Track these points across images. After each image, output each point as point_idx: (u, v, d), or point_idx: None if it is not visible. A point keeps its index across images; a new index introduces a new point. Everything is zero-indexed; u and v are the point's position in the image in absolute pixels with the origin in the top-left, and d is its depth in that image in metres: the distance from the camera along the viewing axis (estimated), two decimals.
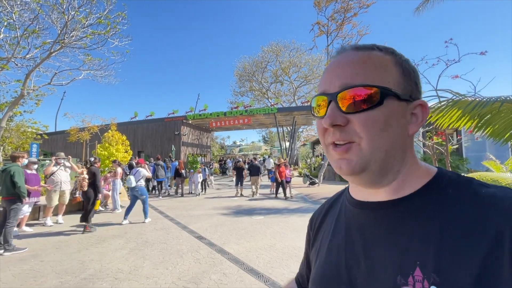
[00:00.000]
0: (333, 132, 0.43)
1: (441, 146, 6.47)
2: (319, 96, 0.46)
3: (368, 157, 0.41)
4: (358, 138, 0.41)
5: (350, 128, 0.41)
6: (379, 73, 0.42)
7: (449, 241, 0.35)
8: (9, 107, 13.45)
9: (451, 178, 0.43)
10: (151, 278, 3.19)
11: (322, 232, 0.58)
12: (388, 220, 0.43)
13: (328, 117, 0.42)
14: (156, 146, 21.37)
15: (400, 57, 0.45)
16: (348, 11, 15.72)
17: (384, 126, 0.41)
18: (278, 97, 29.10)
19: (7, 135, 16.33)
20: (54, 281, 3.14)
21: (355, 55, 0.44)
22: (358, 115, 0.41)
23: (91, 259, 3.83)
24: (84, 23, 12.78)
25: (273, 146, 45.83)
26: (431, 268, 0.35)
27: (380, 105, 0.40)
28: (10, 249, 4.10)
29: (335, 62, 0.45)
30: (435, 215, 0.39)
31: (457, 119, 1.85)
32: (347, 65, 0.43)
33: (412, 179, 0.44)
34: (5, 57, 12.56)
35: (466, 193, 0.39)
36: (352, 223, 0.49)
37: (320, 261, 0.53)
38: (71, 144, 20.25)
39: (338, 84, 0.43)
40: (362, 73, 0.42)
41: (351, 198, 0.52)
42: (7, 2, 11.75)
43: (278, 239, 4.65)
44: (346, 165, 0.42)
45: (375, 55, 0.44)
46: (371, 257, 0.43)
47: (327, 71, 0.46)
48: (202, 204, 8.42)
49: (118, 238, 4.84)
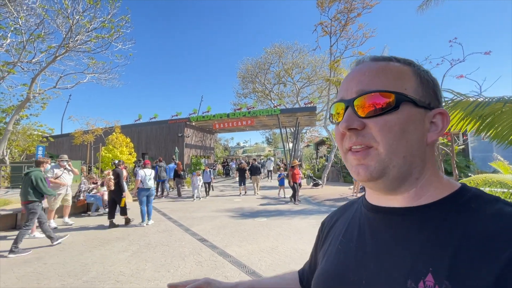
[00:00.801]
0: (350, 137, 0.44)
1: (447, 146, 6.37)
2: (337, 103, 0.48)
3: (386, 162, 0.41)
4: (375, 143, 0.42)
5: (367, 132, 0.43)
6: (395, 80, 0.43)
7: (466, 252, 0.34)
8: (16, 111, 13.66)
9: (476, 193, 0.42)
10: (152, 281, 3.18)
11: (333, 234, 0.58)
12: (404, 226, 0.43)
13: (345, 121, 0.44)
14: (160, 148, 21.49)
15: (418, 68, 0.46)
16: (351, 11, 15.64)
17: (401, 131, 0.41)
18: (281, 98, 29.04)
19: (14, 138, 16.58)
20: (57, 283, 3.15)
21: (373, 65, 0.46)
22: (374, 119, 0.42)
23: (94, 261, 3.84)
24: (88, 27, 12.95)
25: (276, 147, 45.74)
26: (444, 275, 0.34)
27: (396, 110, 0.41)
28: (16, 251, 4.17)
29: (353, 72, 0.48)
30: (454, 226, 0.38)
31: (459, 121, 1.80)
32: (364, 74, 0.45)
33: (431, 189, 0.43)
34: (12, 62, 12.78)
35: (490, 209, 0.38)
36: (366, 227, 0.49)
37: (327, 259, 0.54)
38: (76, 147, 20.48)
39: (355, 91, 0.45)
40: (378, 80, 0.44)
41: (367, 202, 0.52)
42: (14, 8, 11.96)
43: (280, 242, 4.61)
44: (364, 171, 0.42)
45: (393, 65, 0.45)
46: (381, 259, 0.42)
47: (345, 80, 0.49)
48: (205, 206, 8.41)
49: (121, 240, 4.85)
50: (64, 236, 4.86)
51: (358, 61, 0.50)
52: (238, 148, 62.92)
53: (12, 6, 11.88)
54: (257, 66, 29.73)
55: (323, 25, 16.39)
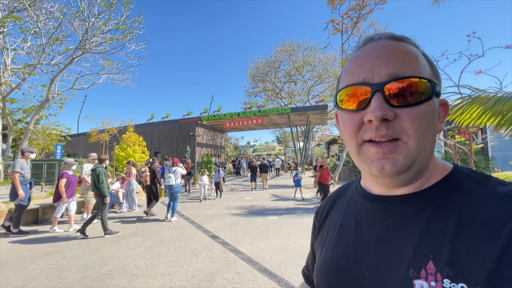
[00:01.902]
0: (378, 128, 0.38)
1: (464, 145, 6.15)
2: (356, 85, 0.41)
3: (415, 156, 0.38)
4: (406, 136, 0.38)
5: (397, 124, 0.38)
6: (422, 66, 0.40)
7: (464, 235, 0.34)
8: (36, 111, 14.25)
9: (467, 174, 0.42)
10: (166, 275, 3.26)
11: (329, 223, 0.56)
12: (401, 214, 0.42)
13: (377, 109, 0.37)
14: (172, 147, 21.86)
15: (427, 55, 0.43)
16: (363, 8, 15.34)
17: (431, 123, 0.39)
18: (291, 97, 28.86)
19: (34, 137, 17.30)
20: (76, 275, 3.29)
21: (395, 44, 0.41)
22: (408, 109, 0.38)
23: (111, 255, 3.97)
24: (103, 29, 13.32)
25: (287, 146, 45.53)
26: (444, 261, 0.34)
27: (430, 100, 0.38)
28: (109, 233, 4.97)
29: (372, 49, 0.41)
30: (449, 210, 0.38)
31: (478, 117, 1.74)
32: (392, 52, 0.40)
33: (431, 176, 0.43)
34: (32, 64, 13.34)
35: (483, 189, 0.38)
36: (363, 216, 0.48)
37: (327, 252, 0.52)
38: (91, 145, 21.15)
39: (385, 74, 0.39)
40: (409, 63, 0.39)
41: (363, 191, 0.50)
42: (33, 12, 12.47)
43: (291, 240, 4.61)
44: (391, 166, 0.38)
45: (412, 48, 0.41)
46: (382, 249, 0.42)
47: (361, 57, 0.42)
48: (216, 204, 8.51)
49: (136, 236, 4.99)
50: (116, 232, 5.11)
51: (369, 38, 0.44)
52: (248, 147, 63.05)
53: (32, 10, 12.38)
54: (267, 65, 29.67)
55: (334, 22, 16.16)
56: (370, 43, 0.43)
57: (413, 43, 0.43)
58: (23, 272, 3.41)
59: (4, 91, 13.40)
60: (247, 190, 12.18)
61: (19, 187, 5.05)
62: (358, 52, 0.43)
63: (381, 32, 0.44)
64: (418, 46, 0.43)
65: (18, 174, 5.13)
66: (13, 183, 5.08)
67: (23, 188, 5.14)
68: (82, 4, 12.40)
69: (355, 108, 0.41)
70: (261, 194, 10.64)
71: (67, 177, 5.45)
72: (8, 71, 12.75)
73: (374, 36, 0.44)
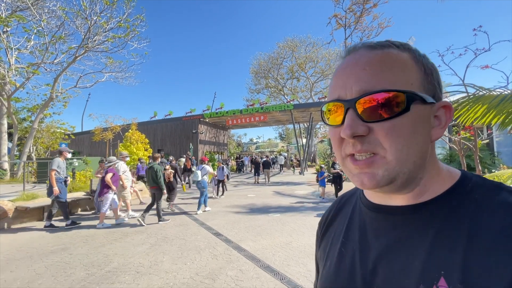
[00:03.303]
0: (353, 144, 0.38)
1: (469, 141, 6.08)
2: (333, 102, 0.41)
3: (396, 170, 0.37)
4: (382, 150, 0.37)
5: (372, 138, 0.37)
6: (400, 74, 0.38)
7: (478, 250, 0.32)
8: (40, 110, 14.37)
9: (477, 182, 0.39)
10: (170, 272, 3.29)
11: (333, 232, 0.55)
12: (408, 225, 0.40)
13: (348, 127, 0.37)
14: (175, 145, 21.97)
15: (418, 54, 0.41)
16: (367, 2, 15.14)
17: (411, 134, 0.37)
18: (294, 93, 28.75)
19: (39, 135, 17.49)
20: (82, 273, 3.33)
21: (370, 55, 0.39)
22: (381, 123, 0.37)
23: (115, 253, 4.02)
24: (105, 27, 13.34)
25: (290, 143, 45.46)
26: (457, 278, 0.32)
27: (407, 112, 0.36)
28: (162, 220, 5.84)
29: (348, 63, 0.41)
30: (460, 222, 0.36)
31: (482, 115, 1.72)
32: (363, 66, 0.39)
33: (433, 183, 0.41)
34: (36, 63, 13.42)
35: (494, 199, 0.36)
36: (368, 227, 0.46)
37: (330, 265, 0.50)
38: (95, 143, 21.33)
39: (356, 89, 0.38)
40: (381, 75, 0.37)
41: (366, 200, 0.48)
42: (36, 11, 12.51)
43: (294, 237, 4.62)
44: (370, 180, 0.38)
45: (393, 54, 0.39)
46: (389, 264, 0.40)
47: (339, 73, 0.42)
48: (219, 201, 8.55)
49: (140, 233, 5.04)
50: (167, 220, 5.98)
51: (350, 50, 0.43)
52: (251, 144, 63.11)
53: (34, 9, 12.42)
54: (270, 61, 29.54)
55: (337, 17, 15.99)
56: (349, 55, 0.42)
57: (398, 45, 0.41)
58: (30, 269, 3.47)
59: (9, 91, 13.53)
60: (250, 187, 12.21)
61: (54, 183, 5.47)
62: (339, 65, 0.43)
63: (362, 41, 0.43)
64: (410, 48, 0.41)
65: (54, 172, 5.54)
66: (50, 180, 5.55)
67: (59, 185, 5.59)
68: (84, 3, 12.41)
69: (335, 124, 0.41)
70: (264, 191, 10.67)
71: (113, 173, 6.04)
72: (12, 71, 12.86)
73: (356, 46, 0.43)
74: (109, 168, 6.07)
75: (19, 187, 8.73)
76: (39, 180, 11.44)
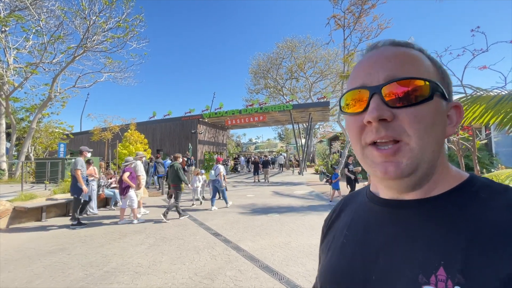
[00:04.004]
0: (377, 129, 0.39)
1: (468, 141, 6.10)
2: (357, 90, 0.42)
3: (419, 158, 0.38)
4: (407, 137, 0.38)
5: (397, 125, 0.38)
6: (422, 69, 0.40)
7: (479, 244, 0.33)
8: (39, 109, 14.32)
9: (485, 183, 0.41)
10: (169, 273, 3.29)
11: (336, 228, 0.56)
12: (413, 218, 0.41)
13: (374, 110, 0.38)
14: (174, 145, 21.93)
15: (433, 57, 0.44)
16: (365, 2, 15.16)
17: (432, 124, 0.38)
18: (293, 93, 28.76)
19: (37, 135, 17.43)
20: (80, 273, 3.32)
21: (394, 49, 0.42)
22: (406, 109, 0.38)
23: (114, 253, 4.01)
24: (104, 27, 13.31)
25: (289, 143, 45.50)
26: (456, 268, 0.33)
27: (430, 100, 0.38)
28: (182, 215, 6.24)
29: (372, 56, 0.43)
30: (465, 218, 0.37)
31: (480, 115, 1.73)
32: (389, 58, 0.41)
33: (442, 181, 0.42)
34: (34, 63, 13.38)
35: (501, 199, 0.37)
36: (372, 220, 0.47)
37: (332, 254, 0.51)
38: (94, 144, 21.24)
39: (383, 77, 0.40)
40: (406, 67, 0.40)
41: (373, 195, 0.50)
42: (35, 10, 12.47)
43: (293, 237, 4.62)
44: (395, 168, 0.38)
45: (414, 52, 0.42)
46: (390, 254, 0.41)
47: (362, 64, 0.43)
48: (218, 202, 8.53)
49: (138, 233, 5.03)
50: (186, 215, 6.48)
51: (374, 46, 0.45)
52: (250, 144, 63.12)
53: (33, 9, 12.38)
54: (269, 62, 29.55)
55: (336, 18, 16.00)
56: (372, 50, 0.45)
57: (418, 48, 0.44)
58: (28, 269, 3.46)
59: (7, 90, 13.48)
60: (249, 187, 12.21)
61: (82, 182, 5.66)
62: (361, 59, 0.45)
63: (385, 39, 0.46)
64: (424, 50, 0.44)
65: (79, 171, 5.69)
66: (75, 178, 5.71)
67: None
68: (83, 3, 12.39)
69: (356, 111, 0.42)
70: (263, 192, 10.67)
71: (130, 172, 6.17)
72: (10, 70, 12.81)
73: (378, 43, 0.45)
74: (126, 167, 6.21)
75: (17, 187, 8.69)
76: (37, 180, 11.39)
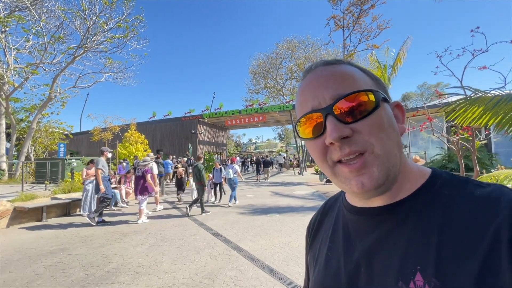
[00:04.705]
0: (341, 147, 0.39)
1: (467, 141, 6.11)
2: (308, 115, 0.43)
3: (387, 163, 0.39)
4: (370, 146, 0.38)
5: (358, 138, 0.39)
6: (359, 80, 0.42)
7: (448, 244, 0.35)
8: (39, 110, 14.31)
9: (446, 179, 0.42)
10: (169, 273, 3.30)
11: (320, 238, 0.57)
12: (386, 225, 0.42)
13: (333, 130, 0.39)
14: (173, 145, 21.94)
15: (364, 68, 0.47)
16: (364, 3, 15.18)
17: (388, 128, 0.40)
18: (293, 93, 28.74)
19: (37, 135, 17.43)
20: (81, 273, 3.33)
21: (329, 68, 0.44)
22: (362, 122, 0.39)
23: (114, 253, 4.02)
24: (104, 28, 13.31)
25: (289, 143, 45.51)
26: (431, 272, 0.34)
27: (379, 107, 0.40)
28: (205, 212, 6.69)
29: (311, 80, 0.44)
30: (431, 218, 0.38)
31: (479, 116, 1.74)
32: (328, 77, 0.43)
33: (407, 182, 0.43)
34: (34, 63, 13.38)
35: (461, 194, 0.38)
36: (351, 230, 0.48)
37: (319, 269, 0.52)
38: (94, 144, 21.26)
39: (328, 97, 0.41)
40: (346, 82, 0.42)
41: (348, 204, 0.50)
42: (35, 11, 12.48)
43: (293, 237, 4.63)
44: (369, 179, 0.38)
45: (346, 67, 0.44)
46: (371, 263, 0.42)
47: (304, 89, 0.45)
48: (218, 202, 8.53)
49: (139, 234, 5.04)
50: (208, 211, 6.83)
51: (309, 69, 0.47)
52: (250, 144, 63.12)
53: (33, 9, 12.39)
54: (269, 62, 29.56)
55: (335, 18, 16.03)
56: (308, 74, 0.46)
57: (348, 62, 0.46)
58: (29, 269, 3.47)
59: (7, 91, 13.48)
60: (249, 187, 12.19)
61: (101, 182, 5.86)
62: (301, 85, 0.47)
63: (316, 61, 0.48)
64: (353, 63, 0.46)
65: (100, 170, 5.88)
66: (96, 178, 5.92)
67: (104, 183, 5.97)
68: (83, 3, 12.39)
69: (315, 135, 0.43)
70: (263, 192, 10.67)
71: (150, 173, 6.31)
72: (11, 71, 12.81)
73: (311, 67, 0.47)
74: (146, 169, 6.27)
75: (18, 188, 8.69)
76: (37, 180, 11.38)
